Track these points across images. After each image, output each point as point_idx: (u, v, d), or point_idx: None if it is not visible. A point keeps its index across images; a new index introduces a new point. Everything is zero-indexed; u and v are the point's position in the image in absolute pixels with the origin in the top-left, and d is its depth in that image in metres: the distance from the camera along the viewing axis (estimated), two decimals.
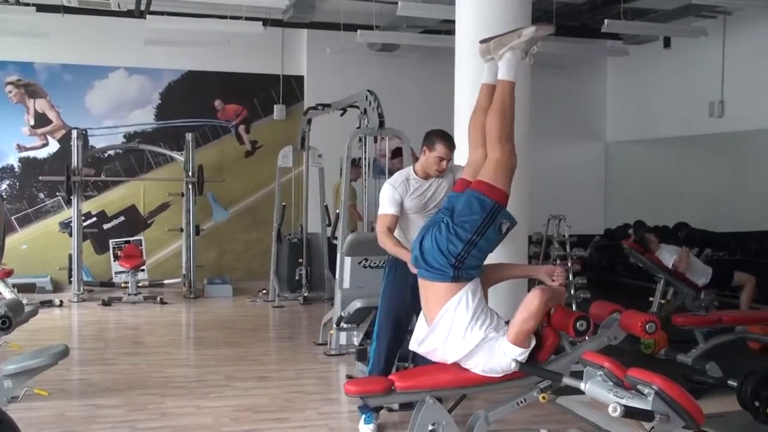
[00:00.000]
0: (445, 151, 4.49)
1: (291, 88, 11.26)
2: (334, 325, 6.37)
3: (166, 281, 10.23)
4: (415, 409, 3.71)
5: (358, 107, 7.80)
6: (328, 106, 8.92)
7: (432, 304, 3.63)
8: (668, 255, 7.45)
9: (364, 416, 4.63)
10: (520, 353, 3.55)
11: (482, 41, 3.69)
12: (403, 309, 4.61)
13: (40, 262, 10.30)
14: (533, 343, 3.60)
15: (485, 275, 3.95)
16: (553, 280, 3.82)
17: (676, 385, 3.25)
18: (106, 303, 9.12)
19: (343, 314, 6.07)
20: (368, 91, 7.35)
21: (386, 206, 4.56)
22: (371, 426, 4.62)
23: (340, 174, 8.25)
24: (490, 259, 3.87)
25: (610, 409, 3.13)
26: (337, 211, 7.61)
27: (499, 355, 3.56)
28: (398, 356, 4.81)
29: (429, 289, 3.65)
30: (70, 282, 9.70)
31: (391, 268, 4.75)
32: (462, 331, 3.56)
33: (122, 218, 10.83)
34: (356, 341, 6.25)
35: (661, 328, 3.82)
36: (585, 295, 6.29)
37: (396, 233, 4.62)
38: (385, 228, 4.49)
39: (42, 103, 10.54)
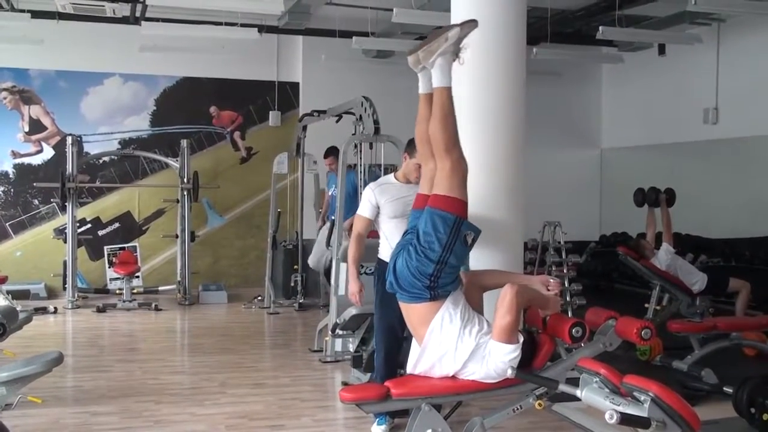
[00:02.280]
0: None
1: (286, 94, 11.27)
2: (330, 332, 6.36)
3: (161, 288, 10.21)
4: (411, 416, 3.70)
5: (353, 114, 7.81)
6: (324, 112, 8.93)
7: (416, 325, 3.63)
8: (663, 256, 7.44)
9: (377, 419, 4.63)
10: (508, 351, 3.53)
11: (410, 52, 3.61)
12: (393, 316, 4.59)
13: (34, 268, 10.27)
14: (521, 338, 3.60)
15: (480, 281, 3.95)
16: (549, 290, 3.82)
17: (673, 391, 3.25)
18: (101, 310, 9.09)
19: (338, 321, 6.06)
20: (363, 97, 7.35)
21: (362, 208, 4.81)
22: (383, 427, 4.62)
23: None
24: (489, 265, 3.87)
25: (606, 416, 3.12)
26: (333, 217, 7.60)
27: (491, 358, 3.55)
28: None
29: (410, 312, 3.64)
30: (65, 289, 9.67)
31: (379, 277, 4.81)
32: (453, 345, 3.55)
33: (117, 225, 10.80)
34: (352, 348, 6.24)
35: (656, 335, 3.82)
36: (580, 302, 6.29)
37: (381, 240, 4.79)
38: (357, 232, 4.77)
39: (37, 110, 10.52)
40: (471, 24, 3.56)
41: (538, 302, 3.82)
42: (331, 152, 8.65)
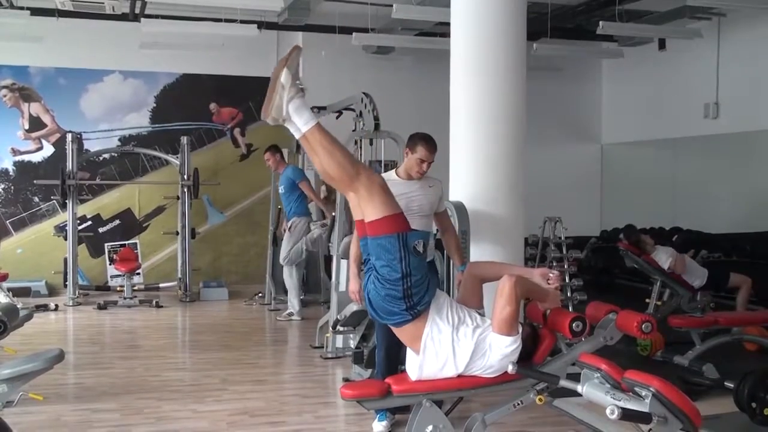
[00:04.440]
0: (426, 154, 4.63)
1: None
2: (331, 328, 6.36)
3: (161, 285, 10.21)
4: (412, 412, 3.71)
5: (353, 110, 7.81)
6: (324, 108, 8.92)
7: (409, 343, 3.62)
8: (664, 257, 7.45)
9: (378, 415, 4.64)
10: (509, 343, 3.53)
11: (265, 114, 3.42)
12: None
13: (35, 266, 10.26)
14: (521, 329, 3.59)
15: (479, 273, 3.94)
16: (549, 283, 3.81)
17: (674, 387, 3.25)
18: (102, 307, 9.10)
19: (339, 317, 6.06)
20: (363, 93, 7.35)
21: None
22: (384, 423, 4.63)
23: None
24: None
25: (607, 411, 3.12)
26: (334, 213, 7.61)
27: (492, 352, 3.55)
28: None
29: (400, 333, 3.63)
30: (66, 286, 9.68)
31: None
32: (451, 352, 3.54)
33: (117, 222, 10.80)
34: (353, 344, 6.23)
35: (657, 329, 3.82)
36: (581, 297, 6.28)
37: None
38: (356, 235, 4.62)
39: (36, 107, 10.51)
40: (295, 53, 3.45)
41: (537, 294, 3.81)
42: (270, 149, 8.72)
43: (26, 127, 10.50)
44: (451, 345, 3.54)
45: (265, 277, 9.65)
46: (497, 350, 3.54)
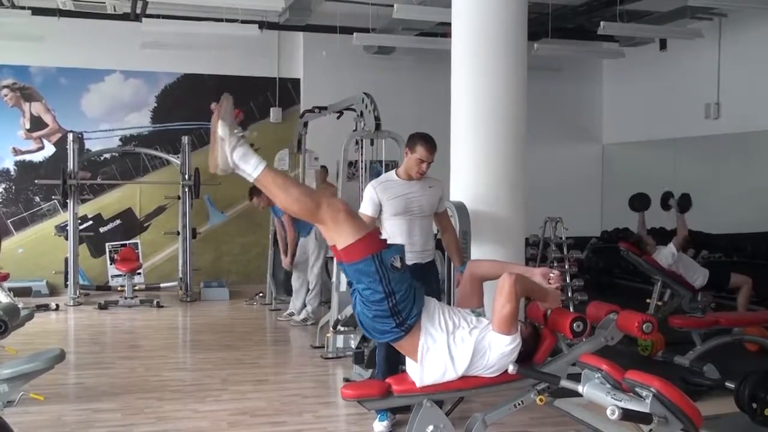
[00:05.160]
0: (425, 154, 4.63)
1: (287, 90, 11.26)
2: (331, 328, 6.37)
3: (162, 284, 10.22)
4: (413, 412, 3.71)
5: (354, 110, 7.80)
6: (325, 108, 8.92)
7: (408, 354, 3.62)
8: (665, 256, 7.45)
9: (379, 415, 4.64)
10: (508, 342, 3.52)
11: (213, 168, 3.47)
12: None
13: (36, 265, 10.27)
14: (520, 328, 3.59)
15: (480, 272, 3.93)
16: (550, 283, 3.81)
17: (674, 387, 3.25)
18: (103, 306, 9.10)
19: (339, 317, 6.07)
20: (364, 93, 7.34)
21: (364, 206, 4.77)
22: (385, 423, 4.63)
23: (337, 178, 8.25)
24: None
25: (608, 411, 3.12)
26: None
27: (492, 351, 3.55)
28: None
29: (397, 347, 3.63)
30: (66, 286, 9.68)
31: None
32: (449, 359, 3.52)
33: (118, 221, 10.80)
34: (353, 344, 6.24)
35: (658, 330, 3.82)
36: (582, 297, 6.29)
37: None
38: None
39: (38, 107, 10.52)
40: (225, 103, 3.42)
41: (537, 294, 3.80)
42: (252, 192, 8.48)
43: (27, 126, 10.51)
44: (449, 352, 3.53)
45: (265, 277, 9.65)
46: (497, 349, 3.54)
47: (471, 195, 6.01)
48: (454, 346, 3.54)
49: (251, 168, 3.43)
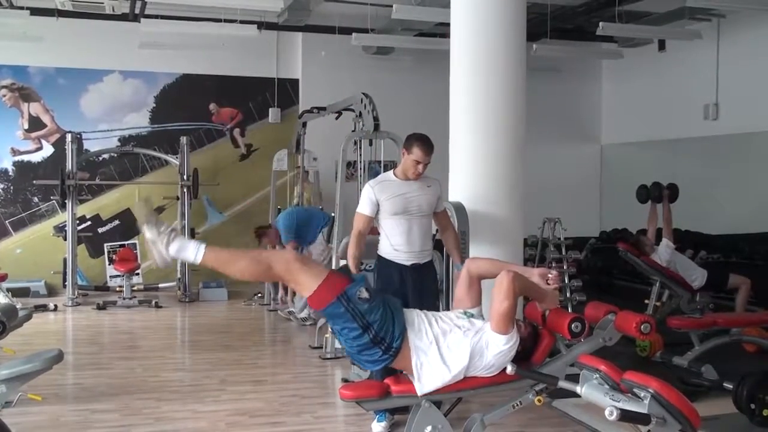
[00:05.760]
0: (421, 155, 4.63)
1: (286, 91, 11.26)
2: (330, 329, 6.36)
3: (161, 285, 10.21)
4: (411, 412, 3.71)
5: (353, 110, 7.80)
6: (323, 109, 8.92)
7: (404, 370, 3.63)
8: (663, 252, 7.44)
9: (377, 415, 4.64)
10: (505, 341, 3.52)
11: (161, 264, 3.47)
12: None
13: (34, 266, 10.26)
14: (516, 326, 3.59)
15: (478, 270, 3.92)
16: (548, 284, 3.81)
17: (672, 388, 3.25)
18: (101, 307, 9.09)
19: None
20: (363, 94, 7.35)
21: (362, 206, 4.77)
22: (383, 424, 4.63)
23: (335, 178, 8.25)
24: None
25: (606, 412, 3.12)
26: (333, 214, 7.61)
27: (489, 350, 3.54)
28: None
29: (393, 366, 3.63)
30: (65, 286, 9.68)
31: (379, 273, 4.82)
32: (444, 366, 3.52)
33: (117, 222, 10.81)
34: None
35: (656, 330, 3.82)
36: (580, 298, 6.28)
37: (381, 238, 4.79)
38: (357, 231, 4.74)
39: (36, 107, 10.52)
40: (142, 207, 3.48)
41: (535, 293, 3.80)
42: (259, 234, 8.62)
43: (26, 127, 10.51)
44: (443, 361, 3.51)
45: None
46: (494, 348, 3.53)
47: (469, 195, 6.01)
48: (448, 351, 3.53)
49: (192, 256, 3.41)
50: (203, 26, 9.49)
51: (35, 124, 10.54)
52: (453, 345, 3.54)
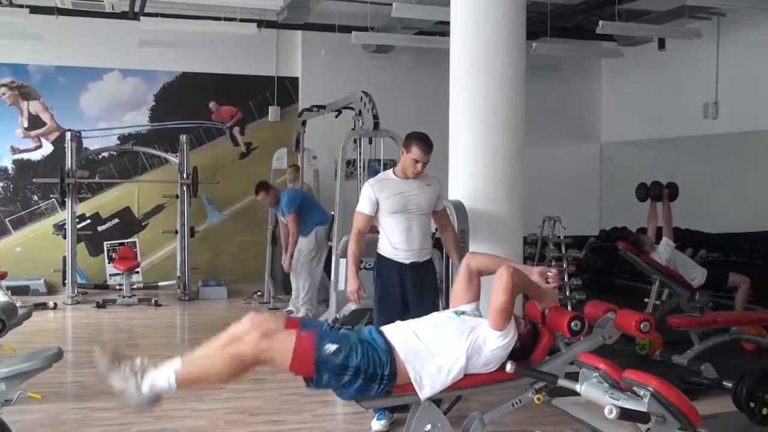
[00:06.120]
0: (420, 154, 4.63)
1: (285, 89, 11.26)
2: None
3: (160, 283, 10.21)
4: (411, 411, 3.70)
5: (352, 109, 7.81)
6: (323, 107, 8.92)
7: (406, 383, 3.56)
8: (663, 250, 7.44)
9: (377, 414, 4.64)
10: (502, 336, 3.49)
11: (140, 410, 3.36)
12: (394, 311, 4.59)
13: (33, 264, 10.26)
14: (513, 322, 3.58)
15: (478, 263, 3.90)
16: (548, 282, 3.81)
17: (672, 386, 3.24)
18: (101, 305, 9.09)
19: (338, 316, 6.06)
20: (363, 92, 7.35)
21: (361, 205, 4.78)
22: (383, 422, 4.63)
23: (335, 176, 8.25)
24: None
25: (606, 411, 3.11)
26: (332, 212, 7.61)
27: (486, 345, 3.53)
28: None
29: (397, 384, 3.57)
30: (64, 284, 9.68)
31: (378, 272, 4.82)
32: (441, 371, 3.48)
33: (116, 220, 10.80)
34: None
35: (655, 329, 3.82)
36: (580, 297, 6.29)
37: (381, 236, 4.79)
38: (357, 229, 4.74)
39: (36, 105, 10.51)
40: (101, 356, 3.26)
41: (534, 291, 3.79)
42: (261, 187, 8.47)
43: (25, 125, 10.50)
44: (440, 368, 3.48)
45: (264, 275, 9.64)
46: (491, 343, 3.51)
47: (469, 194, 6.01)
48: (443, 356, 3.50)
49: (166, 387, 3.29)
50: (203, 24, 9.49)
51: (35, 122, 10.53)
52: (448, 349, 3.51)
